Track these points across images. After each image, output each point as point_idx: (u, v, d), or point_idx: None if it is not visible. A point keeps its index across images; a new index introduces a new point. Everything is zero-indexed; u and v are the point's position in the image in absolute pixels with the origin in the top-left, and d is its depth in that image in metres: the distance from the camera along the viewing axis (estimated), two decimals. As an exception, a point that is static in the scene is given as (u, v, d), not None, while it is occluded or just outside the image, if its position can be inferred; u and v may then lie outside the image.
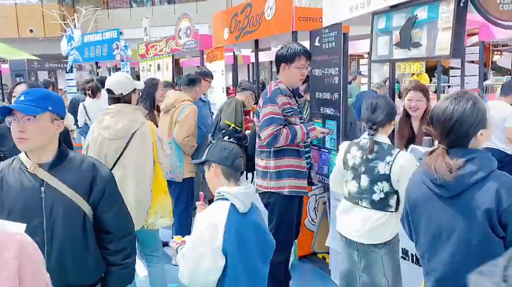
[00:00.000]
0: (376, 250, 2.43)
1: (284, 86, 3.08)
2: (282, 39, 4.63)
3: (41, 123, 1.68)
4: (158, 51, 6.88)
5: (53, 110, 1.72)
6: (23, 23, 21.89)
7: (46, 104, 1.70)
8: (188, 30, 6.01)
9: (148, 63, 7.35)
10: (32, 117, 1.64)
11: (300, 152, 3.11)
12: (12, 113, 1.65)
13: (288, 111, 3.05)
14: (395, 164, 2.34)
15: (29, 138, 1.66)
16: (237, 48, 5.86)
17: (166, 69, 6.63)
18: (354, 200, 2.51)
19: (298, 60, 3.03)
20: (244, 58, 9.72)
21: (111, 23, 19.16)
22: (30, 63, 11.56)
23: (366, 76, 10.12)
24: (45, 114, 1.69)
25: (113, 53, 8.16)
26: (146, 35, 9.12)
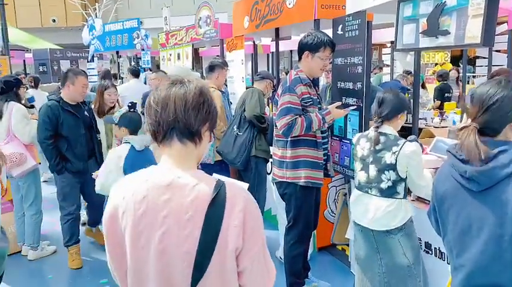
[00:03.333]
0: (392, 235, 2.50)
1: (304, 75, 3.04)
2: (303, 27, 4.55)
3: None
4: (178, 40, 6.87)
5: None
6: (46, 13, 22.21)
7: None
8: (208, 19, 5.97)
9: (168, 53, 7.35)
10: None
11: (317, 143, 3.08)
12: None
13: (307, 101, 3.02)
14: (401, 154, 2.45)
15: None
16: (257, 37, 5.80)
17: (186, 58, 6.62)
18: (364, 189, 2.62)
19: (323, 51, 2.99)
20: (264, 47, 9.63)
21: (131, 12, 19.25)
22: (53, 53, 11.73)
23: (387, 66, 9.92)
24: None
25: (134, 42, 8.19)
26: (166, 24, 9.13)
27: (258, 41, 6.17)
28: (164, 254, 1.12)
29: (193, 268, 1.11)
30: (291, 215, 3.21)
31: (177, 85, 1.21)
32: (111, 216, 1.20)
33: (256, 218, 1.19)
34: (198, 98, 1.19)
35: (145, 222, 1.14)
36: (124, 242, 1.18)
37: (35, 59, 11.80)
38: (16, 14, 20.30)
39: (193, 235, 1.11)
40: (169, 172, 1.18)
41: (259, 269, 1.20)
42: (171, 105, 1.18)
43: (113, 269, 1.25)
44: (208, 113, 1.21)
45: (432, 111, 6.36)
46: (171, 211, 1.13)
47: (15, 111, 3.86)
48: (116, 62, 10.62)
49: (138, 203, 1.15)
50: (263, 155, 4.14)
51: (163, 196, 1.14)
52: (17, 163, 3.75)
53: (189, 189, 1.14)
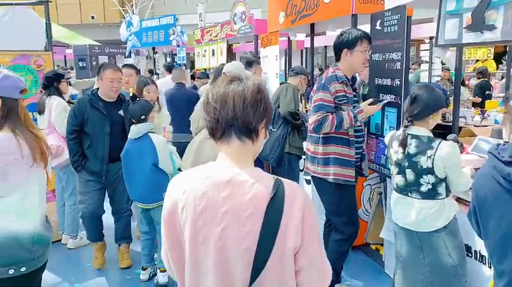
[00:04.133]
0: (436, 234, 2.44)
1: (341, 73, 3.03)
2: (340, 22, 4.49)
3: None
4: (213, 36, 6.93)
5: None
6: (85, 10, 22.89)
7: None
8: (243, 15, 5.99)
9: (203, 49, 7.42)
10: None
11: (349, 141, 3.05)
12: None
13: (341, 99, 3.00)
14: (437, 157, 2.35)
15: None
16: (292, 33, 5.76)
17: (220, 54, 6.67)
18: (403, 192, 2.56)
19: (361, 44, 2.98)
20: (298, 43, 9.54)
21: (167, 8, 19.56)
22: (92, 49, 12.04)
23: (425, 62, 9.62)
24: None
25: (169, 38, 8.31)
26: (201, 20, 9.24)
27: (293, 36, 6.12)
28: (223, 250, 1.14)
29: (252, 264, 1.11)
30: (326, 211, 3.28)
31: (235, 82, 1.21)
32: (171, 211, 1.22)
33: (314, 217, 1.20)
34: (256, 95, 1.20)
35: (205, 218, 1.16)
36: (182, 237, 1.20)
37: (75, 54, 12.15)
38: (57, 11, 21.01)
39: (253, 232, 1.12)
40: (228, 169, 1.19)
41: (316, 268, 1.20)
42: (229, 102, 1.18)
43: (171, 263, 1.27)
44: (266, 109, 1.22)
45: (472, 110, 6.14)
46: (231, 208, 1.14)
47: (56, 105, 4.00)
48: (152, 58, 10.80)
49: (198, 198, 1.17)
50: (296, 152, 4.12)
51: (223, 192, 1.16)
52: (55, 154, 3.88)
53: (248, 186, 1.15)
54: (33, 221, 1.89)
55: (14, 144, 1.78)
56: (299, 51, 10.22)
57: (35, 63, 4.36)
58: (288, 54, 7.15)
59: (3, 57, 4.18)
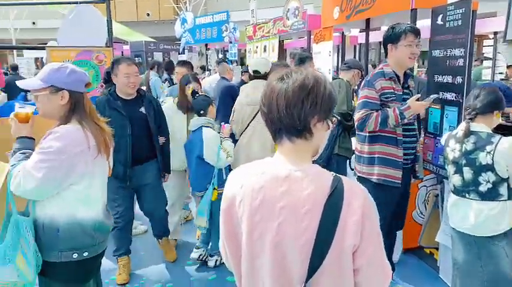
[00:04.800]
0: (496, 242, 2.31)
1: (389, 70, 2.92)
2: (398, 17, 4.33)
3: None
4: (265, 32, 6.94)
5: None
6: (141, 8, 23.72)
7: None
8: (296, 11, 5.95)
9: (255, 45, 7.46)
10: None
11: (397, 141, 2.92)
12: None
13: (389, 96, 2.88)
14: (498, 152, 2.24)
15: None
16: (346, 28, 5.64)
17: (272, 50, 6.67)
18: (461, 194, 2.45)
19: (405, 37, 2.85)
20: (351, 38, 9.36)
21: (219, 5, 19.81)
22: (148, 45, 12.49)
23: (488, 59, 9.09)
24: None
25: (222, 35, 8.42)
26: (253, 16, 9.26)
27: (348, 32, 6.00)
28: (280, 246, 1.14)
29: (310, 260, 1.11)
30: None
31: (279, 81, 1.18)
32: (229, 205, 1.23)
33: (374, 216, 1.17)
34: (299, 92, 1.14)
35: (262, 212, 1.16)
36: (239, 231, 1.22)
37: (132, 50, 12.66)
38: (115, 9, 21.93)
39: (311, 228, 1.11)
40: (285, 165, 1.18)
41: (375, 268, 1.18)
42: (273, 105, 1.16)
43: (227, 256, 1.29)
44: (315, 105, 1.15)
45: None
46: (288, 203, 1.14)
47: None
48: (204, 55, 11.02)
49: (255, 192, 1.17)
50: (345, 154, 4.05)
51: (281, 187, 1.15)
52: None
53: (307, 182, 1.14)
54: (96, 209, 1.99)
55: (81, 136, 1.88)
56: (352, 47, 10.03)
57: (97, 58, 4.58)
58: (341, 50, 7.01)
59: (68, 53, 4.42)
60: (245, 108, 3.62)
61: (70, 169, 1.84)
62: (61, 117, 1.94)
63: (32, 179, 1.77)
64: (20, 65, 11.53)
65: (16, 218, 1.84)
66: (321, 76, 1.20)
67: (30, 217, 1.87)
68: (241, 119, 3.63)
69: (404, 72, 3.02)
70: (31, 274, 1.86)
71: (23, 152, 1.89)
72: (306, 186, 1.14)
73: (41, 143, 1.86)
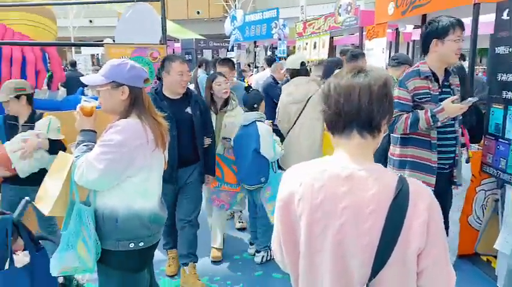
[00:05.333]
0: None
1: (426, 68, 2.70)
2: (457, 12, 4.12)
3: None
4: (316, 29, 6.86)
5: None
6: (191, 6, 24.21)
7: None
8: (349, 7, 5.83)
9: (304, 42, 7.40)
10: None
11: (431, 145, 2.71)
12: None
13: (423, 96, 2.67)
14: None
15: None
16: (401, 24, 5.46)
17: (322, 47, 6.58)
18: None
19: (453, 32, 2.60)
20: (404, 35, 9.05)
21: (269, 2, 19.82)
22: (198, 43, 12.73)
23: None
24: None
25: (271, 32, 8.42)
26: (302, 13, 9.19)
27: (403, 28, 5.81)
28: (341, 245, 1.13)
29: (373, 262, 1.09)
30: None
31: (361, 74, 1.17)
32: (287, 202, 1.23)
33: (440, 218, 1.14)
34: (382, 89, 1.15)
35: (323, 212, 1.15)
36: (297, 229, 1.21)
37: (182, 48, 12.95)
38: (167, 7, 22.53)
39: (375, 229, 1.10)
40: (348, 164, 1.17)
41: (439, 272, 1.15)
42: (354, 96, 1.14)
43: (284, 253, 1.29)
44: (391, 105, 1.18)
45: None
46: (351, 203, 1.12)
47: None
48: (252, 52, 11.07)
49: (316, 192, 1.16)
50: None
51: (342, 187, 1.14)
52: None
53: (371, 182, 1.12)
54: (152, 201, 2.05)
55: (140, 129, 1.94)
56: (405, 44, 9.71)
57: (151, 55, 4.71)
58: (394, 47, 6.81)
59: (125, 50, 4.58)
60: (290, 107, 3.63)
61: (129, 162, 1.91)
62: (121, 112, 2.01)
63: (94, 170, 1.85)
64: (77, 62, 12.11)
65: (79, 207, 1.93)
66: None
67: (92, 206, 1.96)
68: (288, 118, 3.63)
69: (445, 69, 2.78)
70: (91, 260, 1.94)
71: (86, 144, 1.98)
72: (371, 186, 1.12)
73: (102, 136, 1.94)
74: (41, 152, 3.05)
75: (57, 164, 2.14)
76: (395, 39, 6.31)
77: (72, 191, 1.97)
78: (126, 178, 1.94)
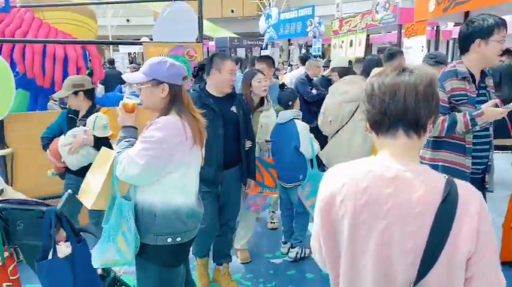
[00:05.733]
0: None
1: (464, 69, 2.54)
2: (502, 10, 3.98)
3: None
4: (352, 27, 6.76)
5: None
6: (226, 4, 24.35)
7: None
8: (387, 4, 5.71)
9: (340, 40, 7.30)
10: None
11: (466, 149, 2.56)
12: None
13: (460, 98, 2.51)
14: None
15: None
16: (443, 22, 5.30)
17: (358, 45, 6.48)
18: None
19: (498, 32, 2.44)
20: (444, 33, 8.78)
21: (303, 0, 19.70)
22: (232, 41, 12.79)
23: None
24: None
25: (306, 30, 8.35)
26: (338, 11, 9.08)
27: (444, 25, 5.64)
28: (385, 248, 1.11)
29: (418, 265, 1.06)
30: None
31: (406, 73, 1.15)
32: (328, 203, 1.21)
33: (490, 223, 1.10)
34: (429, 88, 1.13)
35: (367, 213, 1.13)
36: (338, 230, 1.20)
37: (217, 46, 13.04)
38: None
39: (421, 233, 1.07)
40: (393, 164, 1.14)
41: (488, 279, 1.10)
42: (400, 95, 1.12)
43: (323, 255, 1.28)
44: (437, 105, 1.15)
45: None
46: (396, 205, 1.10)
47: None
48: (286, 50, 11.04)
49: (359, 193, 1.14)
50: None
51: (387, 188, 1.11)
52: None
53: (418, 184, 1.09)
54: (190, 197, 2.08)
55: (180, 126, 1.97)
56: (445, 42, 9.42)
57: (188, 54, 4.78)
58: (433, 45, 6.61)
59: (162, 48, 4.66)
60: (344, 106, 3.54)
61: (169, 158, 1.94)
62: (161, 109, 2.05)
63: (135, 166, 1.89)
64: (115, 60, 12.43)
65: (120, 202, 1.98)
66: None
67: (132, 201, 2.01)
68: (341, 117, 3.54)
69: (482, 71, 2.62)
70: (130, 254, 1.99)
71: (128, 140, 2.03)
72: (417, 188, 1.08)
73: (143, 132, 1.98)
74: (87, 149, 3.15)
75: (99, 160, 2.20)
76: (435, 37, 6.14)
77: (114, 186, 2.02)
78: (165, 174, 1.98)
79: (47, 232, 2.34)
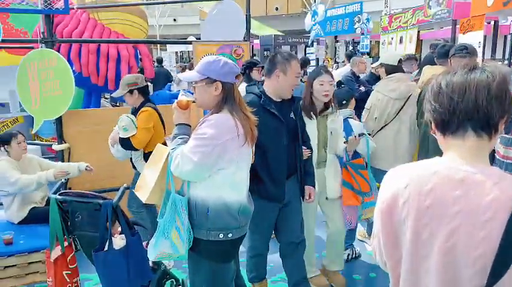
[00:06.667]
0: None
1: None
2: None
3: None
4: (402, 23, 6.56)
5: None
6: (270, 2, 24.37)
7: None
8: (440, -1, 5.48)
9: (389, 36, 7.11)
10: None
11: None
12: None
13: None
14: None
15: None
16: (502, 16, 5.03)
17: (409, 42, 6.28)
18: None
19: None
20: (501, 28, 8.33)
21: (348, -4, 19.35)
22: (276, 39, 12.78)
23: None
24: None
25: (354, 26, 8.19)
26: (386, 6, 8.84)
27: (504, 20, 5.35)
28: (450, 253, 1.06)
29: (488, 274, 1.01)
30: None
31: (476, 71, 1.09)
32: (390, 204, 1.17)
33: None
34: (502, 86, 1.07)
35: (431, 216, 1.09)
36: (399, 233, 1.16)
37: (262, 44, 13.08)
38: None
39: (492, 238, 1.01)
40: (461, 165, 1.09)
41: None
42: (471, 93, 1.07)
43: (384, 256, 1.25)
44: (510, 104, 1.08)
45: None
46: (464, 209, 1.05)
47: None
48: (332, 47, 10.88)
49: (424, 194, 1.10)
50: None
51: (455, 191, 1.07)
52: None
53: (489, 187, 1.04)
54: (241, 194, 2.09)
55: (232, 124, 1.99)
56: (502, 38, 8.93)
57: (235, 52, 4.81)
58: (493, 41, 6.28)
59: (210, 47, 4.73)
60: (392, 103, 3.49)
61: (221, 154, 1.96)
62: (214, 107, 2.07)
63: (189, 162, 1.93)
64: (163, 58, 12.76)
65: (174, 197, 2.03)
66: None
67: (186, 196, 2.05)
68: (387, 114, 3.50)
69: None
70: (183, 248, 2.03)
71: (182, 137, 2.07)
72: (488, 191, 1.02)
73: (196, 129, 2.02)
74: (117, 145, 3.40)
75: (154, 156, 2.26)
76: (493, 33, 5.83)
77: (168, 181, 2.07)
78: (217, 170, 2.00)
79: (104, 224, 2.45)
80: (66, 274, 2.70)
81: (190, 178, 2.03)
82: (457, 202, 1.05)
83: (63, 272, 2.70)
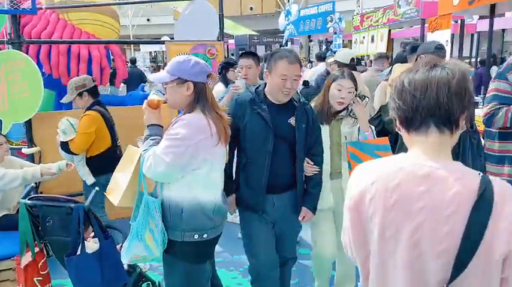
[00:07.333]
0: None
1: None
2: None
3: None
4: (373, 22, 6.68)
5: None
6: (245, 2, 24.38)
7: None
8: (409, -2, 5.61)
9: (361, 35, 7.22)
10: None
11: None
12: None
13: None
14: None
15: None
16: (468, 15, 5.18)
17: (380, 40, 6.39)
18: None
19: None
20: (468, 27, 8.58)
21: (321, -4, 19.55)
22: (251, 38, 12.78)
23: None
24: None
25: (327, 26, 8.28)
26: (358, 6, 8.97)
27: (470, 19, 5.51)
28: (416, 248, 1.09)
29: (452, 267, 1.04)
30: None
31: (437, 68, 1.13)
32: (357, 201, 1.19)
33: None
34: (461, 83, 1.10)
35: (397, 212, 1.11)
36: (368, 228, 1.18)
37: (236, 44, 13.06)
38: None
39: (454, 233, 1.04)
40: (425, 161, 1.12)
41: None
42: (432, 90, 1.10)
43: (353, 252, 1.27)
44: (470, 100, 1.12)
45: None
46: (428, 204, 1.08)
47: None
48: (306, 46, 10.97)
49: (389, 191, 1.12)
50: None
51: (419, 187, 1.09)
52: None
53: (451, 182, 1.07)
54: (215, 193, 2.09)
55: (205, 124, 1.99)
56: (469, 36, 9.20)
57: (209, 52, 4.80)
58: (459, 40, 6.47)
59: (184, 47, 4.70)
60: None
61: (194, 155, 1.96)
62: (186, 107, 2.06)
63: (161, 163, 1.92)
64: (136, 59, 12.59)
65: (147, 199, 2.01)
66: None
67: (159, 198, 2.04)
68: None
69: None
70: (158, 250, 2.02)
71: (153, 138, 2.06)
72: (451, 186, 1.06)
73: (168, 129, 2.01)
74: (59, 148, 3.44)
75: (126, 158, 2.24)
76: (459, 31, 6.00)
77: (141, 183, 2.05)
78: (190, 171, 2.00)
79: (76, 228, 2.40)
80: (38, 281, 2.64)
81: (163, 179, 2.02)
82: (421, 197, 1.08)
83: (34, 278, 2.63)
